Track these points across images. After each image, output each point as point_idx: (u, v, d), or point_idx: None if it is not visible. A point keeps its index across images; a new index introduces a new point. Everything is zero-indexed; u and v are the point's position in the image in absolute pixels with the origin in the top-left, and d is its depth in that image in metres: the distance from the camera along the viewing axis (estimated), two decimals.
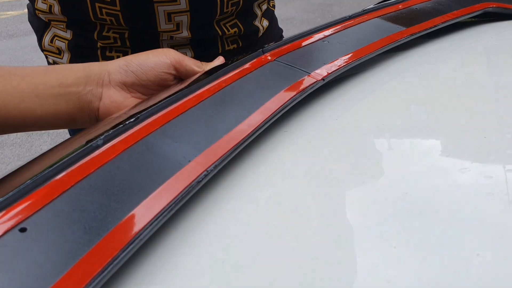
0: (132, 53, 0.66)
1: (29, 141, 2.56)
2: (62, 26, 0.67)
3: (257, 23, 0.73)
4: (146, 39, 0.66)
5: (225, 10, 0.66)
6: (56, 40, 0.68)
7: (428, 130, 0.41)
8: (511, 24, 0.67)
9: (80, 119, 0.51)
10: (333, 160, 0.37)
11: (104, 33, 0.65)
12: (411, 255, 0.26)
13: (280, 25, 0.85)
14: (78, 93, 0.49)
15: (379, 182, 0.33)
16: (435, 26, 0.59)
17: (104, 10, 0.63)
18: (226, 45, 0.70)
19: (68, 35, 0.67)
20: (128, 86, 0.50)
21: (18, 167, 0.35)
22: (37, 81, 0.48)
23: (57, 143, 0.41)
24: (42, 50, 0.71)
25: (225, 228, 0.30)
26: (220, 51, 0.69)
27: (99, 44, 0.66)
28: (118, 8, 0.62)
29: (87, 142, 0.31)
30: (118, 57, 0.66)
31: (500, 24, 0.67)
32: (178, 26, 0.65)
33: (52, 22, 0.68)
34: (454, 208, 0.30)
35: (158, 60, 0.50)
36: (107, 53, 0.67)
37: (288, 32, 0.83)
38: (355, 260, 0.26)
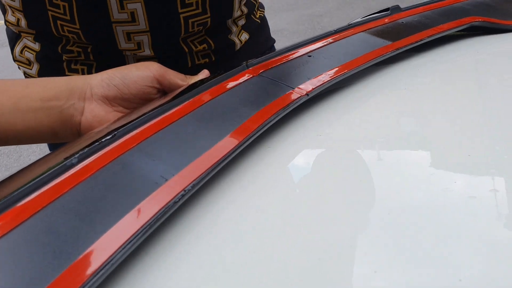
0: (97, 66, 0.67)
1: (18, 151, 2.53)
2: (30, 38, 0.67)
3: (233, 37, 0.72)
4: (109, 54, 0.65)
5: (190, 30, 0.65)
6: (26, 52, 0.69)
7: (413, 146, 0.40)
8: (497, 38, 0.67)
9: (62, 133, 0.50)
10: (316, 177, 0.36)
11: (68, 47, 0.66)
12: (393, 280, 0.25)
13: None
14: (60, 107, 0.48)
15: (362, 200, 0.33)
16: (421, 40, 0.58)
17: (65, 28, 0.63)
18: (196, 59, 0.69)
19: (36, 46, 0.67)
20: (111, 100, 0.50)
21: None
22: (18, 95, 0.47)
23: (46, 153, 0.41)
24: (14, 60, 0.71)
25: (203, 247, 0.29)
26: (189, 65, 0.69)
27: (64, 57, 0.66)
28: (77, 26, 0.62)
29: (63, 160, 0.30)
30: (82, 70, 0.67)
31: (486, 38, 0.68)
32: (139, 45, 0.65)
33: (22, 34, 0.68)
34: (438, 228, 0.29)
35: (141, 73, 0.50)
36: (72, 66, 0.67)
37: (278, 43, 0.82)
38: (334, 285, 0.26)
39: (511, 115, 0.43)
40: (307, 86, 0.46)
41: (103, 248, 0.26)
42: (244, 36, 0.74)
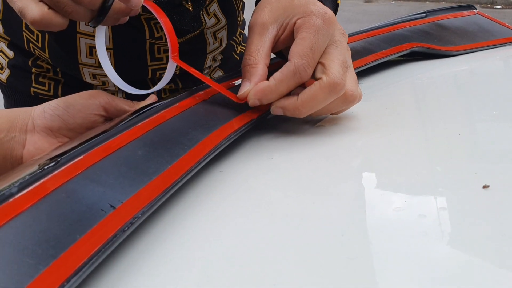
0: (64, 84, 0.66)
1: None
2: (5, 44, 0.68)
3: (205, 66, 0.71)
4: (76, 80, 0.65)
5: (157, 77, 0.66)
6: (0, 56, 0.69)
7: (360, 169, 0.41)
8: (435, 62, 0.71)
9: (2, 167, 0.48)
10: (269, 200, 0.36)
11: (38, 62, 0.66)
12: None
13: None
14: (0, 140, 0.46)
15: (314, 224, 0.32)
16: (366, 64, 0.60)
17: (36, 51, 0.64)
18: (162, 93, 0.68)
19: (10, 54, 0.68)
20: (55, 131, 0.47)
21: None
22: None
23: None
24: None
25: (155, 274, 0.28)
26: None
27: (33, 69, 0.66)
28: (47, 55, 0.63)
29: (1, 190, 0.28)
30: (49, 84, 0.67)
31: (425, 62, 0.71)
32: (104, 83, 0.65)
33: None
34: (390, 248, 0.29)
35: (86, 102, 0.48)
36: (40, 79, 0.67)
37: None
38: None
39: (451, 135, 0.45)
40: (257, 110, 0.46)
41: (46, 284, 0.24)
42: (218, 73, 0.74)
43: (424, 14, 0.79)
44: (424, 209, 0.32)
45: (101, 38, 0.47)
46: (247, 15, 0.62)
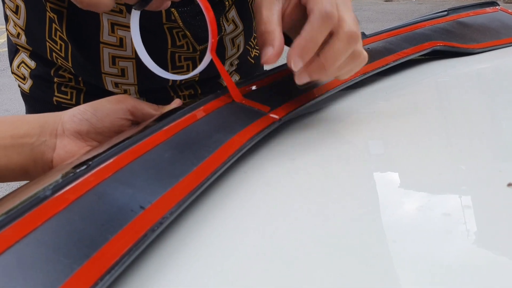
0: (86, 92, 0.68)
1: None
2: (27, 54, 0.69)
3: (221, 81, 0.72)
4: (98, 88, 0.67)
5: (177, 83, 0.67)
6: (22, 67, 0.70)
7: (383, 169, 0.41)
8: (458, 60, 0.70)
9: (33, 171, 0.49)
10: (292, 201, 0.37)
11: (60, 72, 0.67)
12: None
13: None
14: (31, 144, 0.48)
15: (337, 224, 0.33)
16: (387, 64, 0.60)
17: (59, 60, 0.65)
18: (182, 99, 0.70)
19: (32, 64, 0.69)
20: (84, 135, 0.49)
21: None
22: None
23: (13, 188, 0.39)
24: (12, 73, 0.72)
25: (184, 272, 0.29)
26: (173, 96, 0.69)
27: (55, 79, 0.68)
28: (70, 65, 0.64)
29: (36, 193, 0.30)
30: (72, 93, 0.68)
31: (447, 60, 0.70)
32: (125, 91, 0.67)
33: (20, 49, 0.69)
34: (414, 246, 0.29)
35: (113, 106, 0.49)
36: (63, 88, 0.68)
37: None
38: None
39: (475, 133, 0.45)
40: (280, 112, 0.47)
41: (81, 281, 0.25)
42: (235, 78, 0.75)
43: (446, 12, 0.79)
44: (448, 208, 0.33)
45: (135, 24, 0.48)
46: None
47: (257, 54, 0.80)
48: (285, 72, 0.53)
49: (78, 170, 0.31)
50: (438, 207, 0.33)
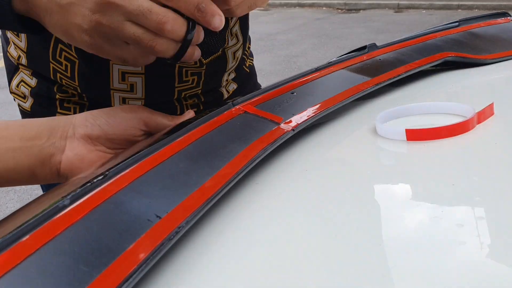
0: (89, 107, 0.68)
1: None
2: (28, 73, 0.69)
3: (222, 89, 0.74)
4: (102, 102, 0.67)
5: (182, 97, 0.68)
6: (22, 86, 0.70)
7: (395, 180, 0.42)
8: (470, 71, 0.70)
9: (41, 173, 0.49)
10: (304, 213, 0.37)
11: (63, 88, 0.67)
12: None
13: None
14: (40, 146, 0.48)
15: (350, 234, 0.33)
16: (399, 75, 0.61)
17: (64, 81, 0.65)
18: (185, 108, 0.71)
19: (33, 82, 0.68)
20: (93, 139, 0.50)
21: None
22: None
23: (24, 200, 0.40)
24: (11, 92, 0.72)
25: (200, 281, 0.29)
26: (178, 113, 0.70)
27: (57, 95, 0.68)
28: (76, 84, 0.65)
29: (55, 202, 0.30)
30: (75, 108, 0.68)
31: (459, 71, 0.70)
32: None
33: (20, 67, 0.69)
34: (428, 257, 0.29)
35: (127, 115, 0.50)
36: (65, 104, 0.68)
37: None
38: None
39: (487, 144, 0.45)
40: (292, 122, 0.47)
41: None
42: (232, 86, 0.76)
43: (457, 23, 0.79)
44: (461, 219, 0.33)
45: None
46: None
47: (251, 64, 0.82)
48: (296, 83, 0.53)
49: (95, 180, 0.32)
50: (452, 218, 0.33)
